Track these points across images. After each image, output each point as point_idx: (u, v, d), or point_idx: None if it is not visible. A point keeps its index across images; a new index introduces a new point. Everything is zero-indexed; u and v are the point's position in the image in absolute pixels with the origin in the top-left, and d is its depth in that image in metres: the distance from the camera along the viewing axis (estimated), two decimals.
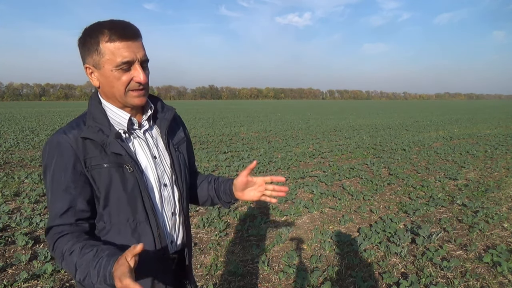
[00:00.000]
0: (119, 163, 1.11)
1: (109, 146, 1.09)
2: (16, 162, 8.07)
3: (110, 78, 1.09)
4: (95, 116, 1.14)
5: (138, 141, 1.20)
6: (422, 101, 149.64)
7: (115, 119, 1.16)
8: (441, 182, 6.37)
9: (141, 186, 1.13)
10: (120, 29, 1.06)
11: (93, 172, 1.09)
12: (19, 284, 3.02)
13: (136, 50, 1.08)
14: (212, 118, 25.08)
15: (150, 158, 1.20)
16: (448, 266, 3.25)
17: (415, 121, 22.13)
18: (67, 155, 1.07)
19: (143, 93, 1.14)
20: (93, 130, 1.10)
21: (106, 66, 1.07)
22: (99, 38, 1.06)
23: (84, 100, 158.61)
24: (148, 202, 1.15)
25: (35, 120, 21.82)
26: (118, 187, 1.11)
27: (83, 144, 1.09)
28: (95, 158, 1.09)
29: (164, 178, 1.23)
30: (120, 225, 1.14)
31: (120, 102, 1.14)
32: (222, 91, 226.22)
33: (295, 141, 11.94)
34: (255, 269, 3.33)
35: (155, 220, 1.17)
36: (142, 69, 1.09)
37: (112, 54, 1.05)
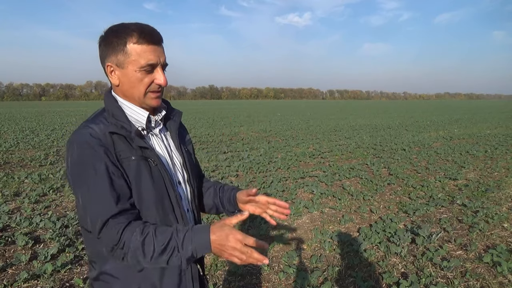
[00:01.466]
0: (144, 157, 1.14)
1: (134, 140, 1.13)
2: (16, 162, 8.07)
3: (133, 79, 1.13)
4: (115, 113, 1.16)
5: (156, 139, 1.24)
6: (422, 101, 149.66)
7: (133, 117, 1.19)
8: (441, 182, 6.37)
9: (165, 179, 1.17)
10: (148, 33, 1.11)
11: (123, 164, 1.11)
12: (19, 284, 3.02)
13: (160, 55, 1.13)
14: (212, 118, 25.08)
15: (167, 155, 1.25)
16: (448, 266, 3.25)
17: (415, 121, 22.13)
18: (99, 147, 1.07)
19: (160, 95, 1.19)
20: (116, 126, 1.13)
21: (130, 66, 1.11)
22: (127, 39, 1.10)
23: (84, 100, 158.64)
24: (173, 194, 1.18)
25: (35, 120, 21.82)
26: (146, 178, 1.13)
27: (111, 138, 1.11)
28: (123, 151, 1.11)
29: (178, 176, 1.27)
30: (149, 217, 1.14)
31: (138, 102, 1.18)
32: (222, 91, 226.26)
33: (295, 141, 11.95)
34: (255, 269, 3.33)
35: (180, 212, 1.20)
36: (163, 72, 1.15)
37: (138, 55, 1.10)
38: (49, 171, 7.05)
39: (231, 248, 1.02)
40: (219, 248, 1.04)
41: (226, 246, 1.02)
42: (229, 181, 6.47)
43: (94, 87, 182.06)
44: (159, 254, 1.03)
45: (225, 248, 1.03)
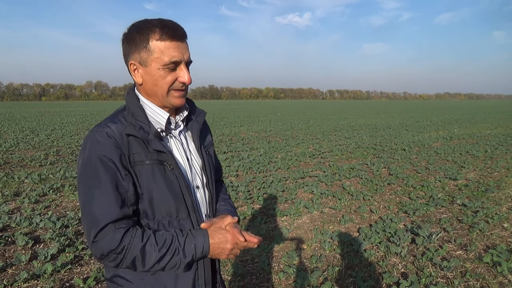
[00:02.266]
0: (160, 161, 1.11)
1: (151, 143, 1.10)
2: (16, 162, 8.07)
3: (156, 77, 1.09)
4: (135, 113, 1.13)
5: (174, 141, 1.20)
6: (422, 101, 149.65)
7: (154, 117, 1.16)
8: (441, 182, 6.37)
9: (181, 183, 1.14)
10: (171, 29, 1.07)
11: (135, 168, 1.09)
12: (19, 284, 3.02)
13: (184, 51, 1.09)
14: (212, 118, 25.08)
15: (185, 159, 1.21)
16: (448, 266, 3.25)
17: (415, 121, 22.13)
18: (112, 148, 1.05)
19: (183, 94, 1.15)
20: (134, 127, 1.10)
21: (153, 64, 1.07)
22: (149, 36, 1.06)
23: (84, 100, 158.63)
24: (189, 199, 1.15)
25: (35, 120, 21.82)
26: (161, 184, 1.11)
27: (127, 140, 1.08)
28: (138, 155, 1.09)
29: (196, 180, 1.24)
30: (164, 222, 1.13)
31: (160, 101, 1.14)
32: (222, 91, 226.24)
33: (295, 141, 11.94)
34: (255, 269, 3.33)
35: (196, 217, 1.17)
36: (187, 70, 1.11)
37: (161, 52, 1.06)
38: (49, 171, 7.05)
39: (229, 250, 1.08)
40: (218, 251, 1.08)
41: (225, 249, 1.08)
42: (229, 181, 6.47)
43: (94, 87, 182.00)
44: (159, 259, 1.04)
45: (224, 251, 1.08)
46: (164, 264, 1.05)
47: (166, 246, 1.05)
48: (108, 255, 1.01)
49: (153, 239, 1.04)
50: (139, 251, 1.02)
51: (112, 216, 1.02)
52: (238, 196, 5.49)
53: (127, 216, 1.06)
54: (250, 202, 5.20)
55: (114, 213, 1.02)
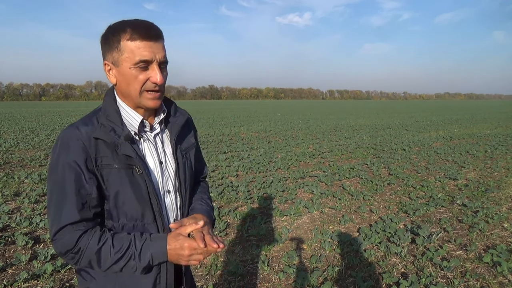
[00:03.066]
0: (129, 165, 1.11)
1: (120, 148, 1.10)
2: (16, 162, 8.07)
3: (128, 76, 1.09)
4: (109, 114, 1.14)
5: (148, 145, 1.20)
6: (422, 101, 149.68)
7: (128, 120, 1.16)
8: (441, 182, 6.37)
9: (149, 189, 1.14)
10: (142, 28, 1.07)
11: (103, 171, 1.10)
12: (19, 284, 3.02)
13: (155, 51, 1.08)
14: (212, 118, 25.08)
15: (157, 163, 1.20)
16: (448, 266, 3.25)
17: (415, 121, 22.13)
18: (78, 151, 1.07)
19: (158, 96, 1.13)
20: (105, 129, 1.10)
21: (124, 64, 1.08)
22: (121, 36, 1.06)
23: (84, 100, 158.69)
24: (156, 204, 1.16)
25: (35, 120, 21.82)
26: (127, 188, 1.11)
27: (95, 142, 1.09)
28: (106, 158, 1.10)
29: (168, 185, 1.23)
30: (128, 225, 1.15)
31: (134, 102, 1.14)
32: (222, 91, 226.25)
33: (295, 141, 11.95)
34: (255, 269, 3.33)
35: (162, 222, 1.18)
36: (159, 70, 1.09)
37: (132, 52, 1.06)
38: None
39: (187, 256, 1.08)
40: (176, 257, 1.09)
41: (183, 255, 1.08)
42: (229, 181, 6.47)
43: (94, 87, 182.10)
44: (115, 261, 1.06)
45: (182, 257, 1.08)
46: (120, 267, 1.07)
47: (122, 251, 1.06)
48: (66, 254, 1.06)
49: (109, 242, 1.06)
50: (95, 253, 1.06)
51: (71, 218, 1.05)
52: (238, 196, 5.49)
53: (87, 219, 1.08)
54: (250, 202, 5.20)
55: (73, 216, 1.06)
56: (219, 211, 4.75)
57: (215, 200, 5.32)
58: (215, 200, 5.30)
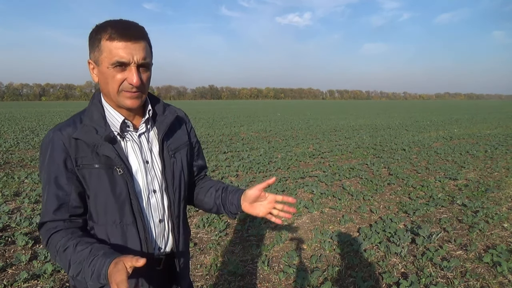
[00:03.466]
0: (109, 165, 1.12)
1: (99, 148, 1.10)
2: (16, 162, 8.07)
3: (106, 75, 1.09)
4: (92, 114, 1.15)
5: (131, 144, 1.19)
6: (422, 101, 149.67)
7: (111, 120, 1.16)
8: (441, 182, 6.37)
9: (130, 190, 1.14)
10: (121, 28, 1.06)
11: (83, 171, 1.12)
12: (19, 284, 3.02)
13: (134, 52, 1.06)
14: (212, 118, 25.08)
15: (142, 162, 1.19)
16: (448, 266, 3.25)
17: (415, 121, 22.13)
18: (59, 152, 1.10)
19: (136, 95, 1.11)
20: (86, 129, 1.12)
21: (103, 63, 1.08)
22: (101, 35, 1.07)
23: (84, 100, 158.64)
24: (136, 206, 1.16)
25: (35, 120, 21.82)
26: (106, 188, 1.12)
27: (75, 143, 1.11)
28: (86, 158, 1.11)
29: (154, 184, 1.22)
30: (107, 226, 1.16)
31: (113, 101, 1.14)
32: (222, 91, 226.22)
33: (295, 141, 11.94)
34: (255, 269, 3.33)
35: (142, 224, 1.17)
36: (137, 72, 1.08)
37: (110, 52, 1.06)
38: None
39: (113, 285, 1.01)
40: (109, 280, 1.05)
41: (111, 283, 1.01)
42: (229, 181, 6.47)
43: (94, 87, 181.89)
44: (70, 268, 1.07)
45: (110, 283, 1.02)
46: (75, 274, 1.05)
47: (77, 260, 1.05)
48: (46, 250, 1.12)
49: (71, 248, 1.06)
50: (57, 256, 1.09)
51: (48, 217, 1.11)
52: None
53: (62, 220, 1.11)
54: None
55: (49, 216, 1.11)
56: None
57: None
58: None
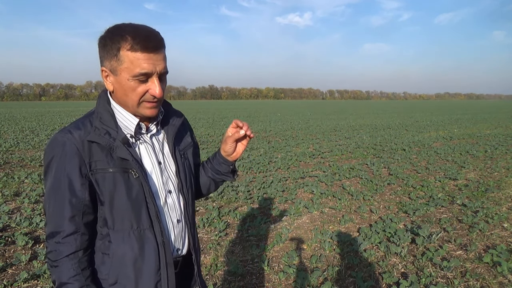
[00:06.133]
0: (124, 168, 1.08)
1: (115, 151, 1.07)
2: (16, 162, 8.07)
3: (125, 87, 1.05)
4: (103, 117, 1.10)
5: (145, 146, 1.17)
6: (422, 101, 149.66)
7: (123, 122, 1.13)
8: (441, 182, 6.37)
9: (146, 193, 1.11)
10: (143, 39, 1.01)
11: (97, 175, 1.07)
12: (19, 284, 3.02)
13: (156, 63, 1.04)
14: (212, 118, 25.08)
15: (156, 163, 1.18)
16: (448, 266, 3.25)
17: (415, 121, 22.13)
18: (72, 156, 1.04)
19: (156, 105, 1.11)
20: (99, 132, 1.07)
21: (123, 74, 1.04)
22: (120, 44, 1.02)
23: (84, 100, 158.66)
24: (153, 209, 1.13)
25: (35, 120, 21.82)
26: (122, 192, 1.09)
27: (89, 146, 1.06)
28: (100, 162, 1.07)
29: (169, 185, 1.21)
30: (124, 232, 1.12)
31: (131, 110, 1.11)
32: (222, 91, 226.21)
33: (295, 141, 11.94)
34: (255, 269, 3.33)
35: (159, 227, 1.14)
36: (159, 82, 1.06)
37: (131, 63, 1.02)
38: None
39: None
40: None
41: None
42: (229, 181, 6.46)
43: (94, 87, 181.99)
44: None
45: None
46: None
47: None
48: (45, 257, 1.13)
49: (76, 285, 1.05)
50: (52, 274, 1.07)
51: (59, 228, 1.06)
52: (238, 196, 5.49)
53: (75, 231, 1.07)
54: (250, 202, 5.20)
55: (61, 226, 1.06)
56: (219, 211, 4.76)
57: (215, 200, 5.32)
58: (215, 200, 5.30)
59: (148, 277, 1.14)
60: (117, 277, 1.12)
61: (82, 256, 1.08)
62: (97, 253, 1.14)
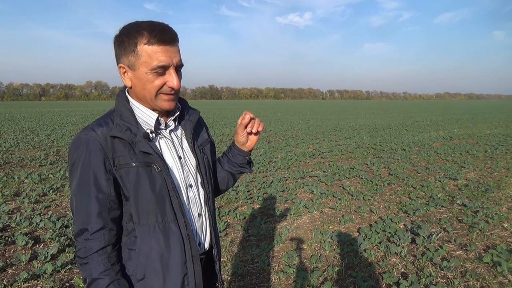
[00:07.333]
0: (147, 163, 1.11)
1: (138, 145, 1.09)
2: (16, 162, 8.07)
3: (144, 81, 1.08)
4: (123, 114, 1.14)
5: (165, 141, 1.20)
6: (422, 101, 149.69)
7: (143, 118, 1.16)
8: (441, 182, 6.37)
9: (169, 186, 1.13)
10: (159, 32, 1.05)
11: (121, 171, 1.09)
12: (19, 284, 3.02)
13: (173, 55, 1.08)
14: (212, 118, 25.08)
15: (176, 158, 1.20)
16: (448, 266, 3.25)
17: (415, 121, 22.13)
18: (96, 153, 1.07)
19: (173, 98, 1.14)
20: (121, 128, 1.10)
21: (141, 68, 1.07)
22: (137, 40, 1.05)
23: (84, 100, 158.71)
24: (176, 202, 1.15)
25: (35, 120, 21.82)
26: (146, 186, 1.11)
27: (112, 142, 1.09)
28: (123, 157, 1.09)
29: (189, 179, 1.23)
30: (149, 226, 1.14)
31: (150, 104, 1.14)
32: (222, 91, 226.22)
33: (295, 141, 11.94)
34: (255, 269, 3.33)
35: (184, 220, 1.16)
36: (176, 74, 1.10)
37: (149, 57, 1.05)
38: (49, 171, 7.05)
39: None
40: None
41: None
42: None
43: (94, 87, 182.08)
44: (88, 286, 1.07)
45: None
46: None
47: None
48: (75, 256, 1.13)
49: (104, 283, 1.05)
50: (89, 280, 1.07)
51: (87, 224, 1.07)
52: (238, 196, 5.49)
53: (103, 227, 1.08)
54: (250, 202, 5.20)
55: (89, 222, 1.07)
56: (219, 211, 4.76)
57: (215, 200, 5.31)
58: (215, 200, 5.30)
59: (175, 270, 1.15)
60: (144, 272, 1.14)
61: (111, 251, 1.10)
62: (124, 249, 1.15)
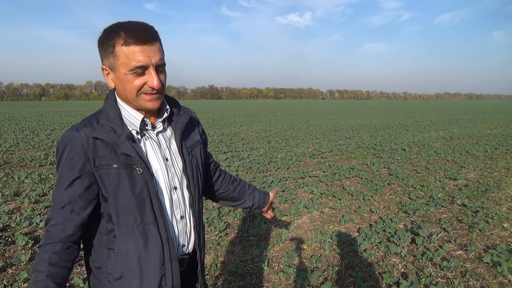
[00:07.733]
0: (128, 164, 1.11)
1: (119, 147, 1.09)
2: (16, 162, 8.07)
3: (124, 81, 1.09)
4: (109, 114, 1.14)
5: (150, 142, 1.19)
6: (422, 101, 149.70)
7: (128, 119, 1.16)
8: (441, 182, 6.37)
9: (150, 188, 1.13)
10: (136, 32, 1.05)
11: (101, 172, 1.10)
12: (19, 284, 3.02)
13: (151, 55, 1.06)
14: (212, 118, 25.08)
15: (162, 160, 1.20)
16: (448, 266, 3.25)
17: (415, 121, 22.13)
18: (76, 152, 1.08)
19: (156, 97, 1.13)
20: (105, 129, 1.10)
21: (120, 69, 1.07)
22: (115, 41, 1.05)
23: (84, 100, 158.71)
24: (157, 205, 1.14)
25: (35, 120, 21.82)
26: (126, 188, 1.11)
27: (94, 143, 1.09)
28: (104, 158, 1.10)
29: (175, 181, 1.23)
30: (128, 227, 1.14)
31: (134, 104, 1.15)
32: (222, 91, 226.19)
33: (295, 141, 11.94)
34: (255, 269, 3.33)
35: (163, 222, 1.16)
36: (156, 74, 1.09)
37: (127, 57, 1.05)
38: (49, 171, 7.05)
39: None
40: None
41: None
42: None
43: (94, 87, 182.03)
44: None
45: None
46: None
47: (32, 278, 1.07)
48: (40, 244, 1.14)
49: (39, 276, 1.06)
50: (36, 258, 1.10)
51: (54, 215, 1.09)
52: None
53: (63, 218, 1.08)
54: None
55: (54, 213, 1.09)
56: (219, 211, 4.76)
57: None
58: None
59: (152, 271, 1.16)
60: (122, 271, 1.14)
61: (60, 250, 1.08)
62: (103, 249, 1.16)
